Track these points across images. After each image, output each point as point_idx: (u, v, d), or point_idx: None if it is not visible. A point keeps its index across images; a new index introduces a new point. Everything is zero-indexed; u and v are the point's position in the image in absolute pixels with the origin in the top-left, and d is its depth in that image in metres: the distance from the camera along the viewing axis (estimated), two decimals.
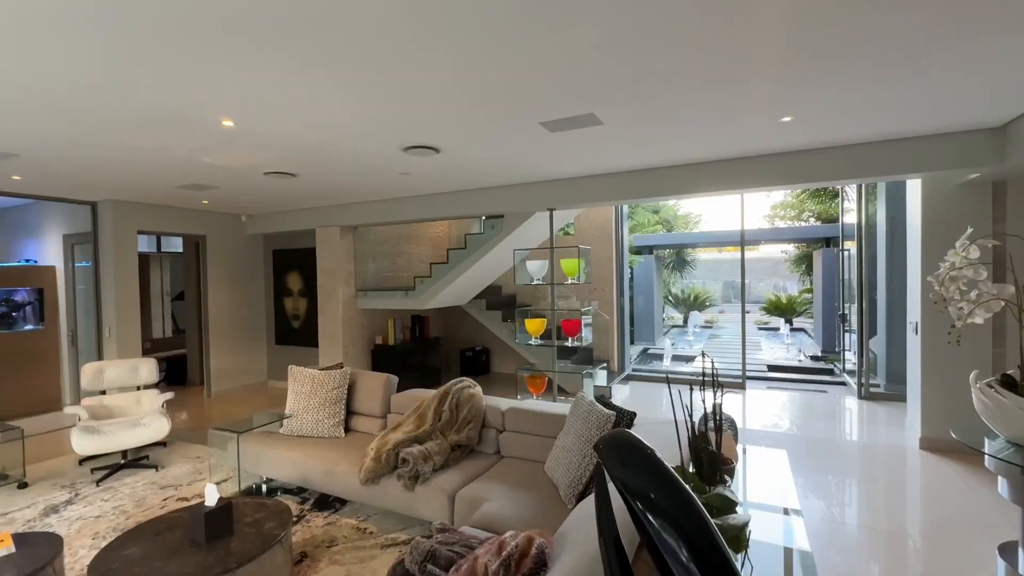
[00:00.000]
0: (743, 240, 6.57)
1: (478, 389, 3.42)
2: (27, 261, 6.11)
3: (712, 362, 1.72)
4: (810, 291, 11.75)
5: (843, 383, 6.45)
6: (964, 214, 3.83)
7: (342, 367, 3.83)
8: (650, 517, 0.54)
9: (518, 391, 5.20)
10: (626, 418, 2.53)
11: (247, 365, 6.89)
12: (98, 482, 3.67)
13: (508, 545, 1.47)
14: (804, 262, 11.94)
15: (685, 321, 15.41)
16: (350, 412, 3.73)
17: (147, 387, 4.61)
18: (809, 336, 12.21)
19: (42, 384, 5.91)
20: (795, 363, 8.51)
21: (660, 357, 9.79)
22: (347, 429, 3.67)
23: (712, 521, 0.53)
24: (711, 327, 14.57)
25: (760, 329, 13.91)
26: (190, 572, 1.92)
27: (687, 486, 0.56)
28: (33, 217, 6.21)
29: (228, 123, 2.86)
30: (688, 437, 1.91)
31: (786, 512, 2.35)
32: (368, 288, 6.29)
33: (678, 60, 2.18)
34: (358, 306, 6.20)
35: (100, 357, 5.44)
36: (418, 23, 1.83)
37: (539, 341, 4.98)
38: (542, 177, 4.60)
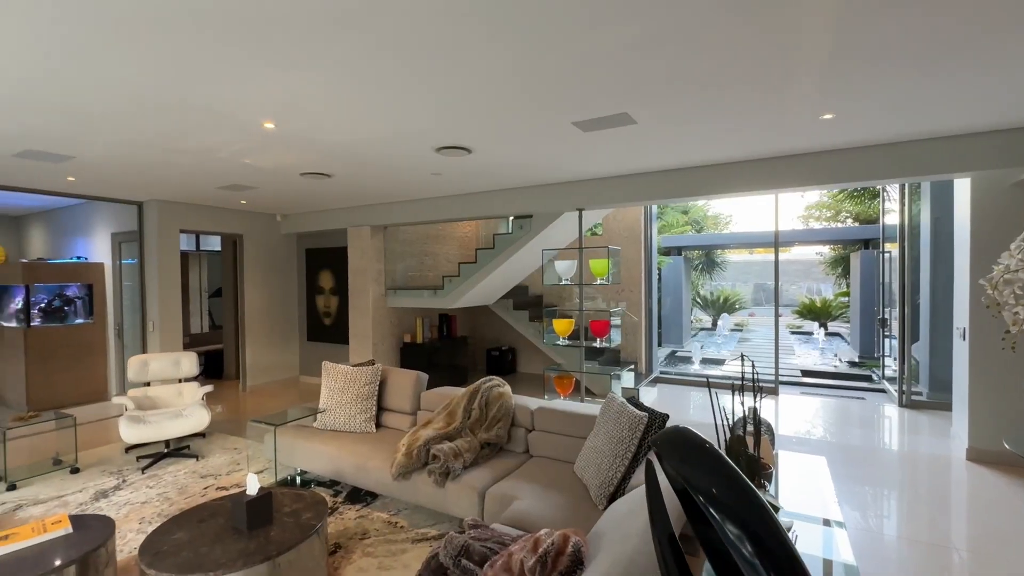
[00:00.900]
0: (777, 241, 6.39)
1: (507, 388, 3.44)
2: (78, 258, 6.44)
3: (753, 365, 1.69)
4: (846, 294, 11.36)
5: (882, 390, 6.22)
6: (1017, 215, 3.64)
7: (374, 363, 3.90)
8: (712, 512, 0.54)
9: (545, 391, 5.20)
10: (658, 420, 2.50)
11: (280, 360, 7.09)
12: (143, 470, 3.85)
13: (544, 542, 1.48)
14: (841, 264, 11.54)
15: (714, 324, 15.12)
16: (381, 408, 3.80)
17: (187, 380, 4.81)
18: (845, 341, 11.81)
19: (90, 375, 6.23)
20: (830, 368, 8.24)
21: (688, 360, 9.64)
22: (378, 425, 3.74)
23: (776, 516, 0.53)
24: (741, 330, 14.25)
25: (792, 333, 13.52)
26: (233, 557, 2.00)
27: (750, 482, 0.56)
28: (83, 216, 6.54)
29: (269, 125, 2.95)
30: (725, 440, 1.88)
31: (827, 523, 2.28)
32: (397, 287, 6.39)
33: (717, 59, 2.15)
34: (387, 304, 6.31)
35: (144, 350, 5.68)
36: (456, 24, 1.86)
37: (567, 342, 4.98)
38: (572, 177, 4.59)
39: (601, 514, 2.38)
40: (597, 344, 4.80)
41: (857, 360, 8.77)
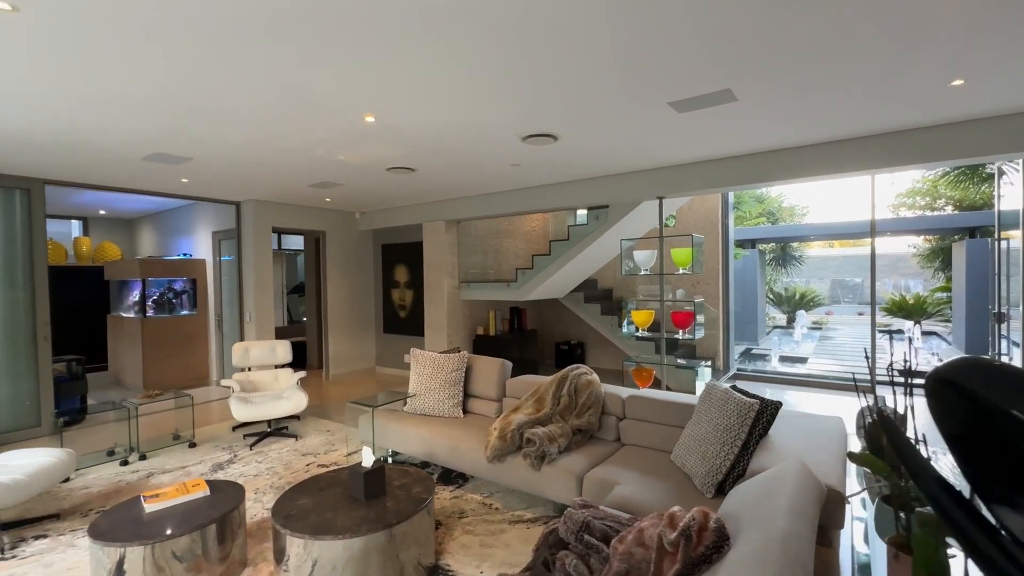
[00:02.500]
0: (873, 230, 5.91)
1: (595, 376, 3.42)
2: (184, 255, 7.06)
3: (907, 360, 1.57)
4: (946, 288, 10.34)
5: None
6: None
7: (459, 351, 3.99)
8: None
9: (624, 383, 5.12)
10: (770, 407, 2.38)
11: (359, 351, 7.43)
12: (251, 446, 4.15)
13: (681, 517, 1.45)
14: (939, 256, 10.51)
15: (789, 321, 14.26)
16: (467, 395, 3.89)
17: (281, 366, 5.14)
18: (944, 340, 10.78)
19: (195, 361, 6.81)
20: (928, 368, 7.53)
21: (763, 358, 9.18)
22: (464, 410, 3.83)
23: None
24: (820, 328, 13.35)
25: (881, 332, 12.51)
26: (357, 523, 2.11)
27: None
28: (187, 217, 7.15)
29: (370, 119, 3.09)
30: (865, 427, 1.77)
31: None
32: (469, 280, 6.52)
33: (842, 23, 2.02)
34: (461, 297, 6.44)
35: (242, 339, 6.13)
36: (558, 5, 1.85)
37: (647, 333, 4.87)
38: (652, 164, 4.48)
39: (708, 502, 2.31)
40: (680, 336, 4.66)
41: None
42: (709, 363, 6.47)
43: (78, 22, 1.94)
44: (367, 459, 2.38)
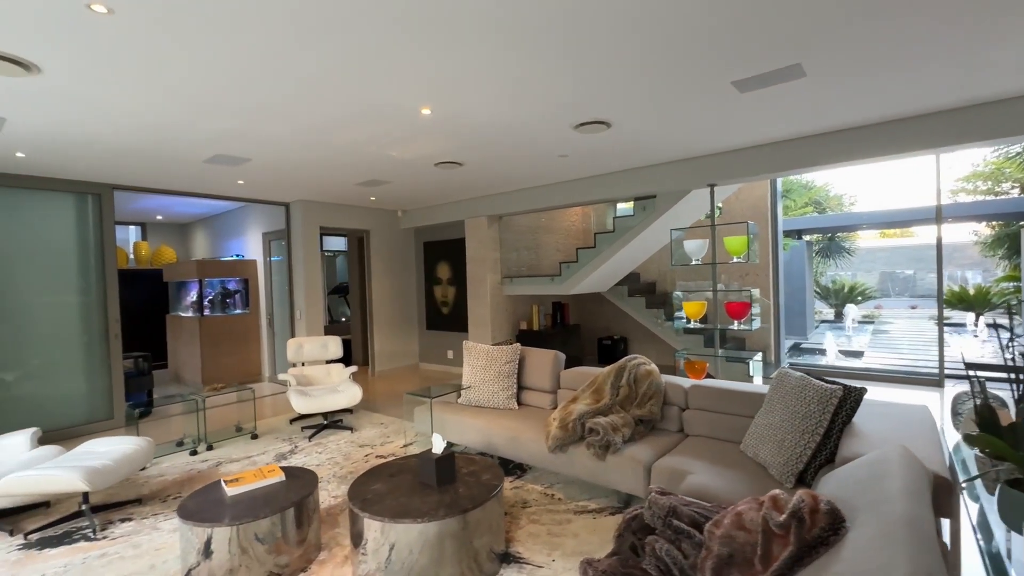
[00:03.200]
0: (939, 216, 5.59)
1: (654, 366, 3.35)
2: (237, 256, 7.32)
3: (1011, 350, 1.45)
4: (1014, 277, 9.69)
5: None
6: None
7: (511, 343, 3.99)
8: None
9: (677, 375, 5.00)
10: (854, 394, 2.27)
11: (402, 348, 7.54)
12: (310, 438, 4.26)
13: (787, 501, 1.39)
14: (1005, 243, 9.85)
15: (836, 316, 13.69)
16: (520, 387, 3.88)
17: (331, 362, 5.26)
18: (1010, 332, 10.11)
19: (248, 358, 7.05)
20: (993, 361, 7.09)
21: (812, 352, 8.84)
22: (518, 402, 3.82)
23: None
24: (872, 322, 12.77)
25: (938, 325, 11.87)
26: (433, 507, 2.12)
27: None
28: (238, 220, 7.42)
29: (426, 111, 3.12)
30: (976, 407, 1.66)
31: None
32: (512, 275, 6.51)
33: None
34: (504, 292, 6.45)
35: (292, 336, 6.31)
36: None
37: (699, 324, 4.75)
38: (705, 151, 4.36)
39: (790, 491, 2.22)
40: (736, 326, 4.52)
41: None
42: (759, 357, 6.28)
43: (169, 23, 2.02)
44: (437, 446, 2.39)
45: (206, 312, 6.74)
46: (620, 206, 7.81)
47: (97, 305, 4.84)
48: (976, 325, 10.48)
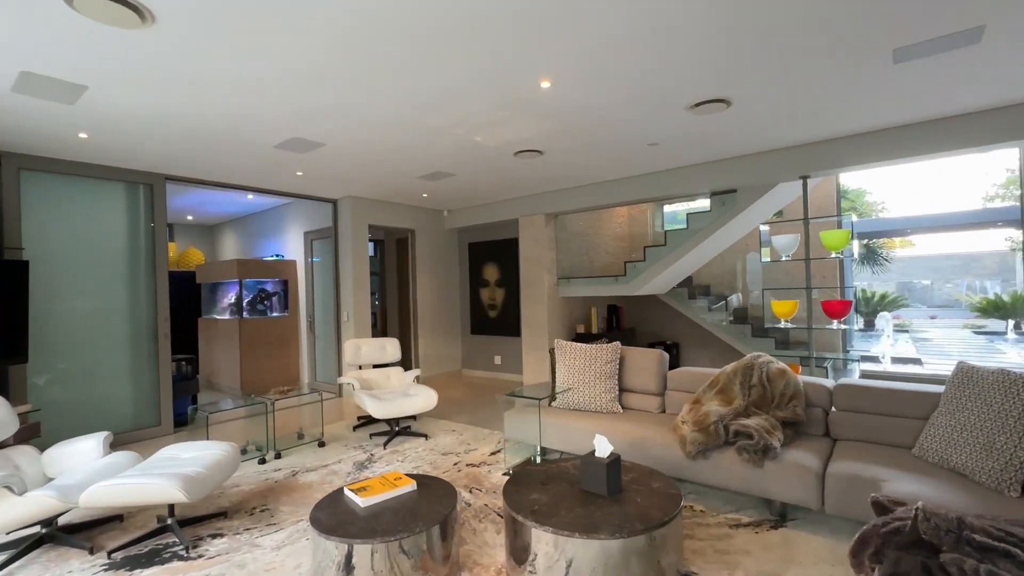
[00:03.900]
0: None
1: (784, 364, 3.06)
2: (276, 256, 7.01)
3: None
4: None
5: None
6: None
7: (608, 341, 3.70)
8: None
9: None
10: None
11: (446, 353, 7.21)
12: (384, 445, 3.93)
13: None
14: None
15: (866, 324, 13.47)
16: (620, 389, 3.58)
17: (388, 365, 4.94)
18: None
19: (287, 363, 6.71)
20: None
21: (862, 361, 8.57)
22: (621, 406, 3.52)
23: None
24: (907, 330, 12.55)
25: (976, 333, 11.71)
26: (617, 521, 1.81)
27: None
28: (279, 217, 7.11)
29: (545, 84, 2.86)
30: None
31: None
32: (568, 276, 6.24)
33: None
34: (560, 294, 6.16)
35: (339, 340, 5.99)
36: None
37: (790, 325, 4.49)
38: (805, 140, 4.12)
39: (1015, 500, 1.93)
40: (834, 326, 4.25)
41: None
42: (830, 362, 5.99)
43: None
44: (602, 449, 2.09)
45: (245, 314, 6.42)
46: (666, 208, 7.59)
47: (147, 303, 4.52)
48: (1019, 330, 10.24)
